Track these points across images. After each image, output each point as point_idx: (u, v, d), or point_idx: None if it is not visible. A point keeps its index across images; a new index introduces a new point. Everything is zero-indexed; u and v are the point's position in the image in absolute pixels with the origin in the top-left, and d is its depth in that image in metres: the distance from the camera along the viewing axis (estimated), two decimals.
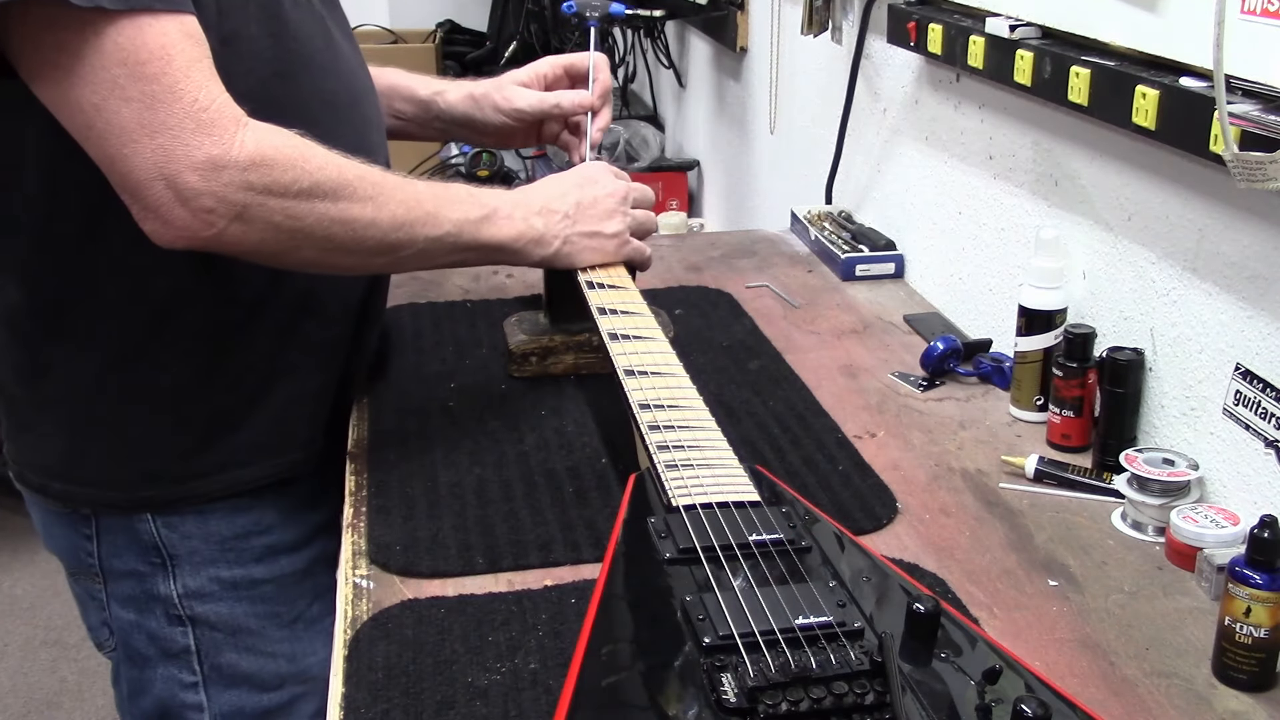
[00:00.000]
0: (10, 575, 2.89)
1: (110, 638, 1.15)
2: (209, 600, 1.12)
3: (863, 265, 1.65)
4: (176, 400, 1.06)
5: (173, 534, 1.10)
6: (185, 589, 1.11)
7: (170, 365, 1.05)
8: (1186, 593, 0.94)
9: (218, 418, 1.08)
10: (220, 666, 1.13)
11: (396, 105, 1.33)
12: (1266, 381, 0.98)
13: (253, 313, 1.06)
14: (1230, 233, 1.02)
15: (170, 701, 1.14)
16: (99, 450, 1.07)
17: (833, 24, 1.83)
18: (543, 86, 1.34)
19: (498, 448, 1.14)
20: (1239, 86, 0.94)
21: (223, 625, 1.12)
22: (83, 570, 1.14)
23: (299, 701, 1.16)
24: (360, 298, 1.17)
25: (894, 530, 1.02)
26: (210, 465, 1.09)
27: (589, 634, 0.70)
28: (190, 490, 1.09)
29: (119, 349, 1.03)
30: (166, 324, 1.03)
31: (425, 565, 0.96)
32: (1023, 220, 1.36)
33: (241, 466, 1.10)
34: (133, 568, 1.11)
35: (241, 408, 1.09)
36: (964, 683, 0.68)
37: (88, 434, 1.07)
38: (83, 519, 1.10)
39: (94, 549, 1.11)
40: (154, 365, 1.04)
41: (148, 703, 1.15)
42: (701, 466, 0.88)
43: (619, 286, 1.19)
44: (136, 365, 1.04)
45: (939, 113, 1.54)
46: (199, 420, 1.07)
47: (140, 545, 1.10)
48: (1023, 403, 1.23)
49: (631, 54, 3.21)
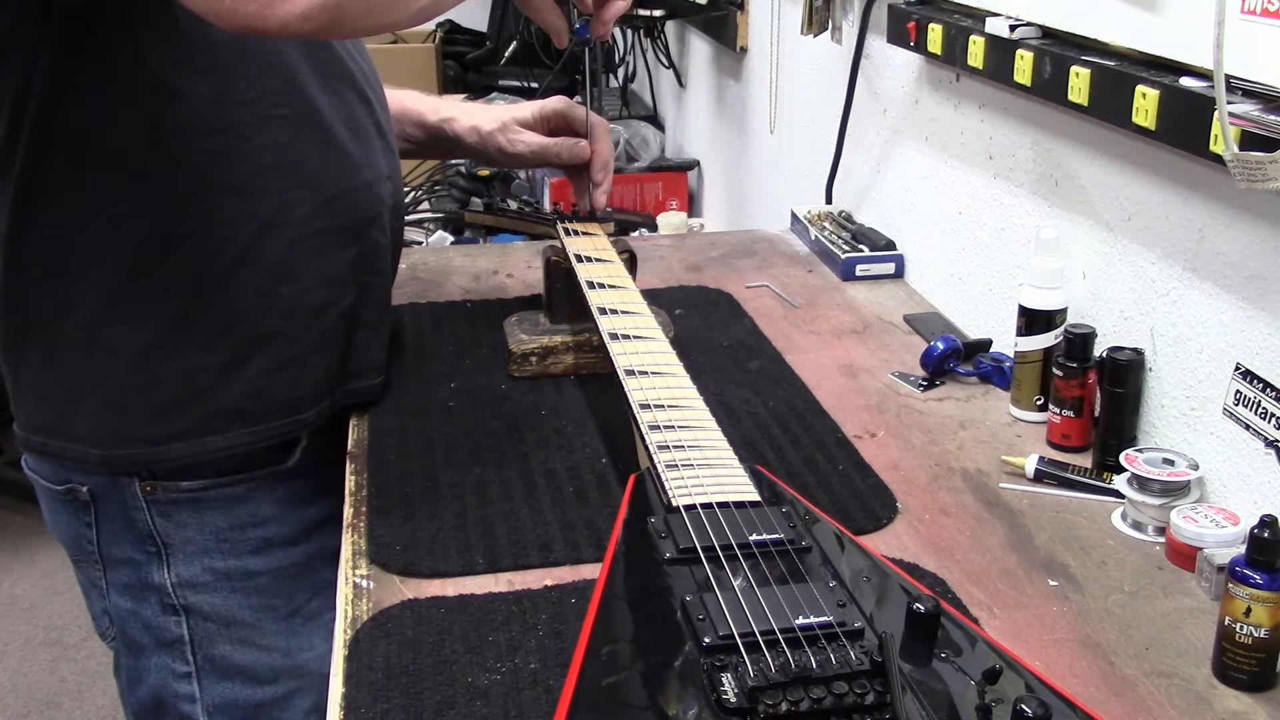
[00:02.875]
0: (10, 575, 2.90)
1: (110, 626, 1.16)
2: (203, 590, 1.12)
3: (863, 265, 1.65)
4: (155, 356, 1.06)
5: (167, 523, 1.10)
6: (179, 578, 1.11)
7: (149, 318, 1.05)
8: (1186, 593, 0.94)
9: (194, 377, 1.07)
10: (214, 658, 1.13)
11: (408, 130, 1.37)
12: (1266, 381, 0.98)
13: (232, 270, 1.06)
14: (1230, 233, 1.02)
15: (164, 691, 1.14)
16: (85, 407, 1.07)
17: (833, 24, 1.83)
18: (546, 129, 1.36)
19: (498, 448, 1.14)
20: (1239, 86, 0.94)
21: (216, 616, 1.13)
22: (85, 558, 1.15)
23: (294, 696, 1.16)
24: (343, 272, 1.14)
25: (894, 530, 1.03)
26: (184, 428, 1.08)
27: (589, 634, 0.70)
28: (165, 454, 1.08)
29: (100, 300, 1.04)
30: (146, 274, 1.03)
31: (425, 565, 0.96)
32: (1023, 220, 1.36)
33: (216, 432, 1.09)
34: (129, 555, 1.12)
35: (218, 369, 1.08)
36: (964, 683, 0.68)
37: (73, 390, 1.07)
38: (83, 506, 1.11)
39: (94, 536, 1.12)
40: (133, 317, 1.04)
41: (143, 692, 1.16)
42: (702, 466, 0.88)
43: (619, 286, 1.19)
44: (116, 317, 1.04)
45: (939, 113, 1.54)
46: (175, 378, 1.07)
47: (136, 533, 1.11)
48: (1023, 403, 1.23)
49: (631, 54, 3.21)
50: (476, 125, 1.35)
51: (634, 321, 1.12)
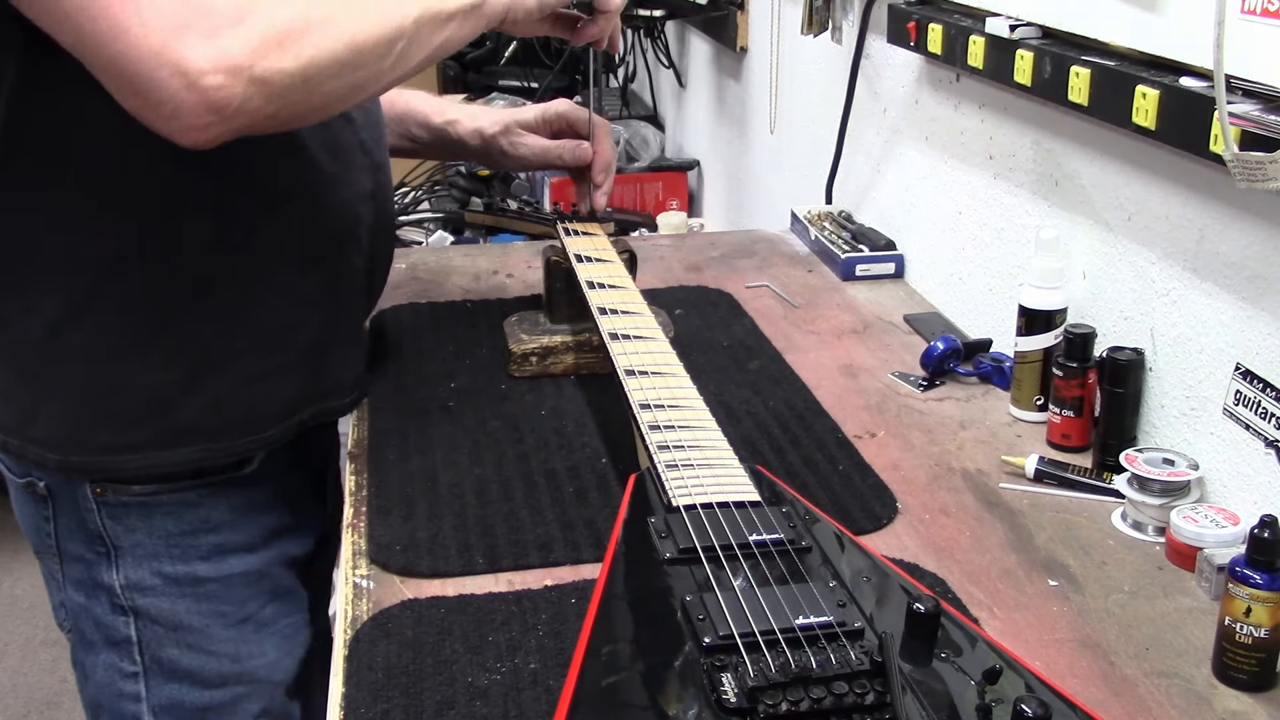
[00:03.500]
0: (10, 575, 2.90)
1: (67, 618, 1.16)
2: (150, 594, 1.11)
3: (863, 265, 1.65)
4: (115, 367, 1.05)
5: (117, 525, 1.09)
6: (127, 580, 1.10)
7: (111, 329, 1.03)
8: (1186, 593, 0.95)
9: (154, 390, 1.06)
10: (161, 660, 1.12)
11: (413, 130, 1.37)
12: (1266, 381, 0.98)
13: (196, 286, 1.04)
14: (1230, 233, 1.02)
15: (111, 689, 1.13)
16: (44, 411, 1.06)
17: (833, 24, 1.83)
18: (549, 132, 1.37)
19: (498, 448, 1.14)
20: (1239, 86, 0.94)
21: (164, 620, 1.11)
22: (45, 550, 1.14)
23: (242, 701, 1.14)
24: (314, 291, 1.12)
25: (894, 530, 1.03)
26: (141, 440, 1.07)
27: (589, 634, 0.70)
28: (119, 464, 1.07)
29: (64, 308, 1.02)
30: (109, 284, 1.02)
31: (425, 565, 0.96)
32: (1023, 220, 1.36)
33: (173, 446, 1.07)
34: (81, 553, 1.11)
35: (178, 384, 1.06)
36: (964, 683, 0.68)
37: (34, 393, 1.06)
38: (41, 500, 1.11)
39: (52, 530, 1.11)
40: (96, 327, 1.03)
41: (92, 688, 1.15)
42: (702, 466, 0.88)
43: (619, 286, 1.19)
44: (81, 325, 1.03)
45: (939, 113, 1.54)
46: (135, 391, 1.05)
47: (87, 533, 1.10)
48: (1023, 403, 1.23)
49: (631, 54, 3.21)
50: (480, 128, 1.35)
51: (634, 321, 1.12)
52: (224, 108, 0.86)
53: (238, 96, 0.86)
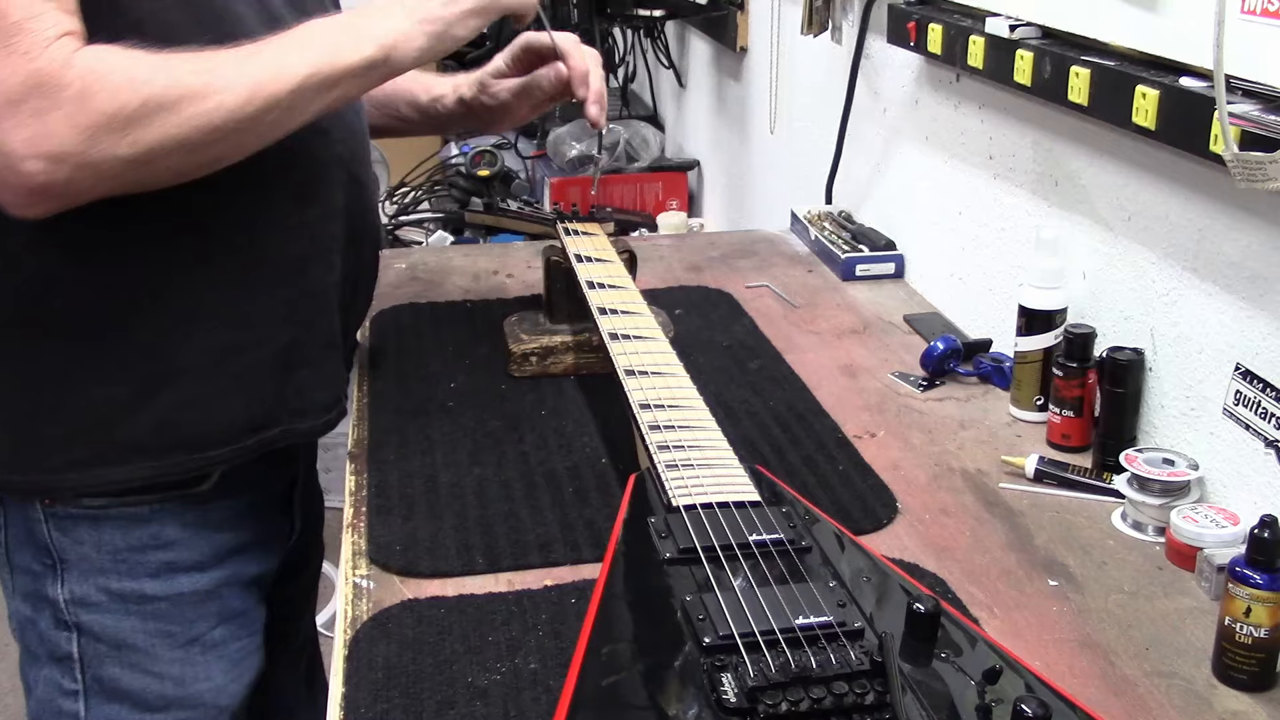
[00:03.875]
0: None
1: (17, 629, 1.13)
2: (95, 610, 1.07)
3: (863, 265, 1.65)
4: (58, 383, 1.02)
5: (64, 538, 1.06)
6: (72, 595, 1.07)
7: (54, 345, 1.01)
8: (1186, 593, 0.94)
9: (97, 408, 1.03)
10: (102, 679, 1.09)
11: (403, 110, 1.35)
12: (1266, 381, 0.98)
13: (141, 303, 1.01)
14: (1230, 233, 1.02)
15: (50, 705, 1.10)
16: None
17: (833, 24, 1.83)
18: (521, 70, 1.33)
19: (498, 448, 1.14)
20: (1239, 86, 0.94)
21: (107, 638, 1.08)
22: None
23: None
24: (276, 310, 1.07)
25: (894, 530, 1.03)
26: (84, 457, 1.03)
27: (589, 634, 0.70)
28: (62, 482, 1.04)
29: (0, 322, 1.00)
30: (36, 309, 1.00)
31: (425, 565, 0.96)
32: (1023, 220, 1.36)
33: (116, 464, 1.04)
34: (28, 565, 1.08)
35: (122, 401, 1.03)
36: (964, 683, 0.68)
37: None
38: None
39: (2, 539, 1.09)
40: (26, 347, 1.01)
41: (33, 703, 1.12)
42: (702, 466, 0.88)
43: (619, 286, 1.19)
44: (18, 341, 1.01)
45: (939, 113, 1.54)
46: (78, 408, 1.02)
47: (35, 544, 1.07)
48: (1023, 403, 1.23)
49: (631, 54, 3.21)
50: (460, 96, 1.34)
51: (634, 321, 1.12)
52: (44, 191, 0.84)
53: (60, 181, 0.84)
